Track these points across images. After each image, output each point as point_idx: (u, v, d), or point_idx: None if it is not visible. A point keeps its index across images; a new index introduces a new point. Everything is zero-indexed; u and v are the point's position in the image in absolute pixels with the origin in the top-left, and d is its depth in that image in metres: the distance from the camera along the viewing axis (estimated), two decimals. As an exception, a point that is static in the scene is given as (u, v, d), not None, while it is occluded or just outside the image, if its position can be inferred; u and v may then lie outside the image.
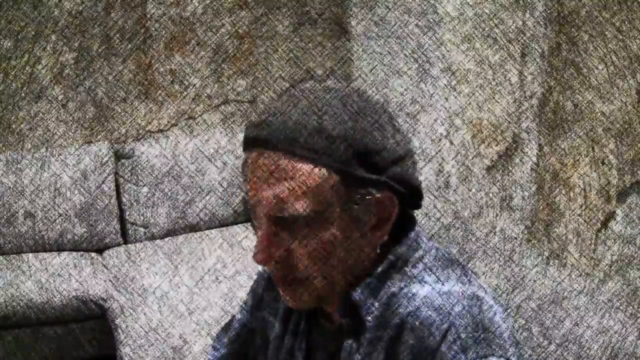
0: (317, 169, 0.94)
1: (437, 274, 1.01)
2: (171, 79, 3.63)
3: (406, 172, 1.00)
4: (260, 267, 1.21)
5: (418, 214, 1.08)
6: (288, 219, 0.96)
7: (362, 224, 0.98)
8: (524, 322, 2.19)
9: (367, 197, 0.97)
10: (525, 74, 2.35)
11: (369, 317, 1.00)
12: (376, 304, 1.00)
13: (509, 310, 2.26)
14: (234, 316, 1.26)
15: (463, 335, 0.93)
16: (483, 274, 2.48)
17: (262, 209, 0.97)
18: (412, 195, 1.02)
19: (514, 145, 2.44)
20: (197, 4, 3.58)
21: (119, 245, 3.46)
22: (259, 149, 0.96)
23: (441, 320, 0.95)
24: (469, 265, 2.00)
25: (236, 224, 3.60)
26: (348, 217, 0.97)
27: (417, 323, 0.96)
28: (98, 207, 3.40)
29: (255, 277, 1.26)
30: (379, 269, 1.02)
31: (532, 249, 2.36)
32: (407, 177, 1.00)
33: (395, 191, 0.99)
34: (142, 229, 3.49)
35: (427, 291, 0.98)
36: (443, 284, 0.99)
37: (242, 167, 1.00)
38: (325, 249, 0.97)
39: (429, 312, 0.96)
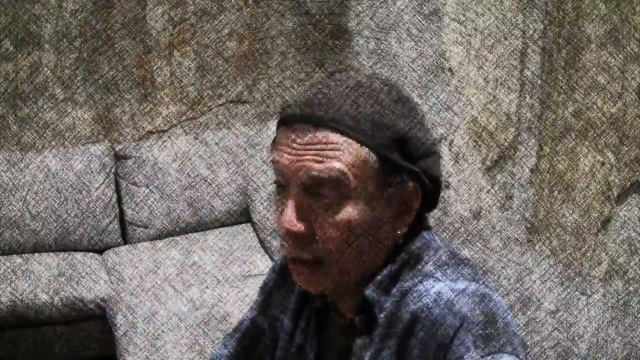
0: (362, 148, 0.97)
1: (449, 271, 1.02)
2: (171, 79, 3.63)
3: (434, 166, 1.03)
4: (268, 268, 1.21)
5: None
6: (321, 189, 0.97)
7: (389, 210, 1.01)
8: (524, 321, 2.19)
9: (400, 184, 1.00)
10: (525, 74, 2.35)
11: (382, 315, 1.01)
12: (389, 301, 1.01)
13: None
14: (245, 316, 1.26)
15: (475, 332, 0.94)
16: (483, 274, 2.48)
17: (299, 177, 0.98)
18: (432, 192, 1.05)
19: (514, 145, 2.44)
20: (197, 4, 3.58)
21: (119, 245, 3.46)
22: (305, 124, 0.98)
23: (453, 316, 0.95)
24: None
25: (236, 224, 3.59)
26: (380, 199, 0.99)
27: (429, 319, 0.97)
28: (98, 207, 3.40)
29: (258, 277, 1.26)
30: (392, 267, 1.03)
31: (532, 249, 2.36)
32: (435, 172, 1.03)
33: (421, 183, 1.02)
34: (142, 229, 3.49)
35: (439, 288, 0.99)
36: (455, 282, 1.00)
37: (275, 141, 1.01)
38: (351, 225, 0.98)
39: (441, 308, 0.97)
